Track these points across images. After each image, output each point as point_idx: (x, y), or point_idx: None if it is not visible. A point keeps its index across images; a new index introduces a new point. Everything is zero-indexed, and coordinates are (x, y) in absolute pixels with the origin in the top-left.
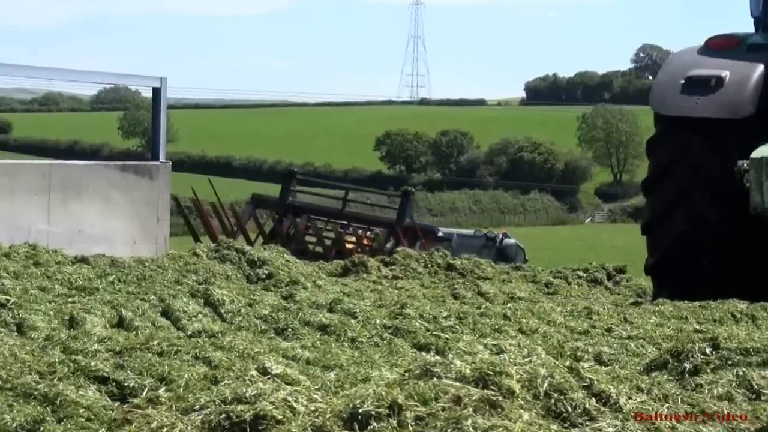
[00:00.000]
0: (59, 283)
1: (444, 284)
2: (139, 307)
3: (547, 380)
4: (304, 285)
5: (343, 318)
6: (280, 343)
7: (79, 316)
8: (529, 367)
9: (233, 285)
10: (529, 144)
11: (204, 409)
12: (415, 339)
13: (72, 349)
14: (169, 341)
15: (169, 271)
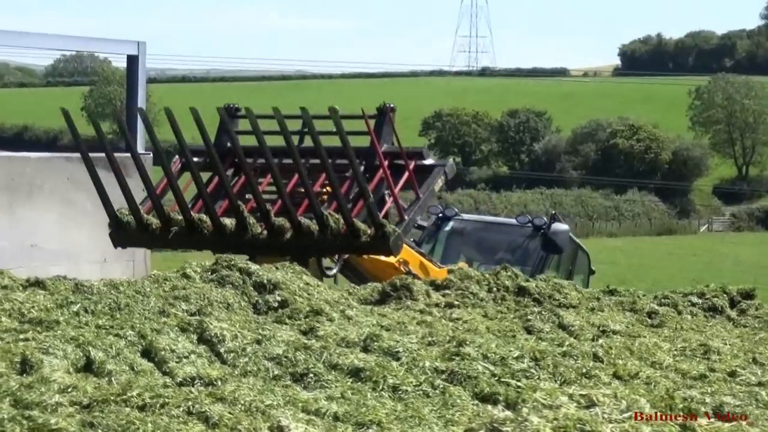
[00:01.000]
0: (6, 314)
1: (514, 314)
2: (112, 346)
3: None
4: (330, 316)
5: (382, 359)
6: (298, 393)
7: (35, 358)
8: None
9: (236, 316)
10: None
11: None
12: (477, 387)
13: (25, 401)
14: (153, 391)
15: (151, 299)
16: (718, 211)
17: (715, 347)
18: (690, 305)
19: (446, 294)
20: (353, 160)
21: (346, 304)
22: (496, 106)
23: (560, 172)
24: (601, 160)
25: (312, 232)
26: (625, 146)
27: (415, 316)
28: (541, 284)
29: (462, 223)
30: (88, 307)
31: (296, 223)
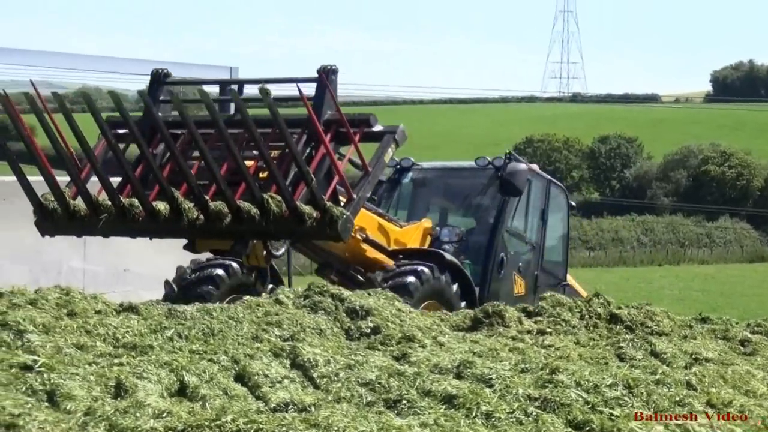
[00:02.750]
0: (101, 339)
1: (606, 341)
2: (206, 371)
3: None
4: (422, 342)
5: (475, 386)
6: (392, 419)
7: (129, 383)
8: None
9: (329, 342)
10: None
11: None
12: (570, 415)
13: (120, 426)
14: (247, 416)
15: (244, 324)
16: None
17: None
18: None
19: (538, 321)
20: (291, 143)
21: (438, 330)
22: (587, 132)
23: (651, 198)
24: (692, 186)
25: (253, 216)
26: (716, 173)
27: (507, 343)
28: (633, 311)
29: (422, 172)
30: (181, 332)
31: (234, 207)
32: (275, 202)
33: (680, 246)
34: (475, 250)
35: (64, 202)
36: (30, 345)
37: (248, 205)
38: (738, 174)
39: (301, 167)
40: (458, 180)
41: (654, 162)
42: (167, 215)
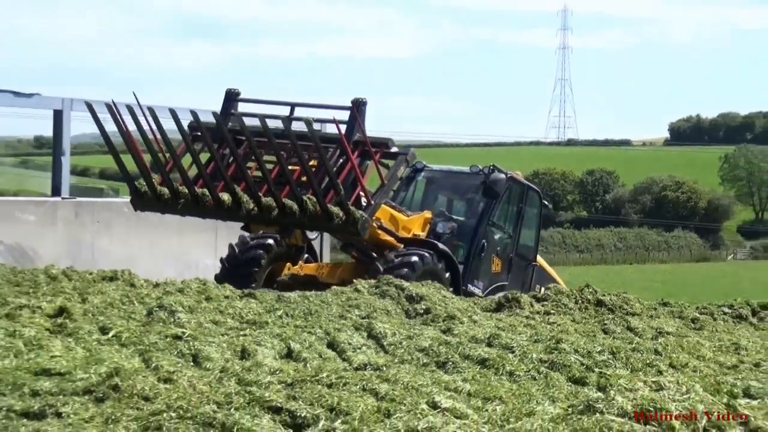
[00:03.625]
0: (231, 317)
1: (594, 320)
2: (306, 340)
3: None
4: (461, 320)
5: (501, 352)
6: (441, 376)
7: (251, 349)
8: (688, 404)
9: (394, 319)
10: (672, 183)
11: None
12: (570, 373)
13: (246, 380)
14: (337, 373)
15: (333, 306)
16: (741, 245)
17: (743, 345)
18: (722, 314)
19: (545, 305)
20: (326, 161)
21: (472, 311)
22: (578, 167)
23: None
24: (654, 207)
25: (294, 212)
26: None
27: (522, 321)
28: (613, 298)
29: (430, 172)
30: (288, 312)
31: (280, 204)
32: (312, 203)
33: (645, 250)
34: (465, 235)
35: (152, 187)
36: (179, 321)
37: (291, 203)
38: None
39: (332, 179)
40: (457, 180)
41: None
42: (230, 205)
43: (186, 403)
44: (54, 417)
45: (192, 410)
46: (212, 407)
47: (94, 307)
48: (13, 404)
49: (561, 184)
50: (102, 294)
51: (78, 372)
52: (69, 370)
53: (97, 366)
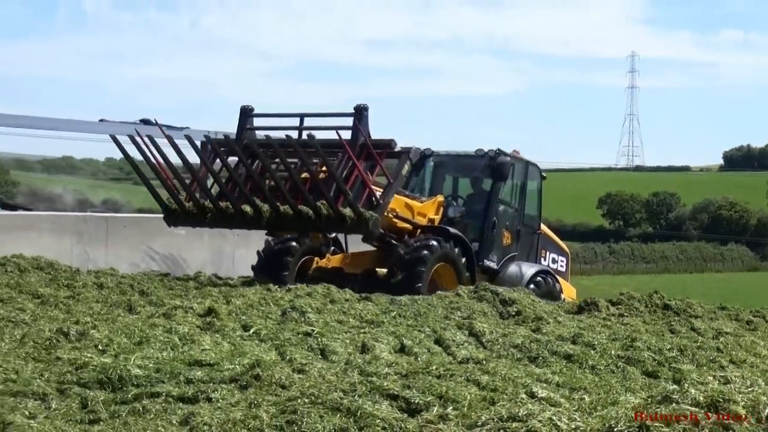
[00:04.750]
0: (352, 317)
1: (662, 321)
2: (416, 337)
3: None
4: (547, 321)
5: (584, 349)
6: (533, 369)
7: (370, 344)
8: (752, 395)
9: (490, 320)
10: (727, 203)
11: (485, 425)
12: (644, 367)
13: (367, 371)
14: (444, 366)
15: (438, 308)
16: None
17: None
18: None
19: (619, 308)
20: (334, 172)
21: (557, 313)
22: (644, 190)
23: (685, 231)
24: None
25: (310, 217)
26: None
27: (600, 322)
28: (678, 302)
29: (439, 157)
30: (400, 313)
31: (296, 211)
32: (325, 208)
33: (703, 261)
34: (476, 214)
35: (181, 204)
36: (309, 320)
37: (306, 209)
38: (740, 216)
39: (340, 186)
40: (464, 163)
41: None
42: (252, 215)
43: (317, 391)
44: (205, 401)
45: (322, 397)
46: (339, 394)
47: (237, 307)
48: (171, 390)
49: (630, 205)
50: (243, 297)
51: (225, 363)
52: (217, 361)
53: (240, 358)
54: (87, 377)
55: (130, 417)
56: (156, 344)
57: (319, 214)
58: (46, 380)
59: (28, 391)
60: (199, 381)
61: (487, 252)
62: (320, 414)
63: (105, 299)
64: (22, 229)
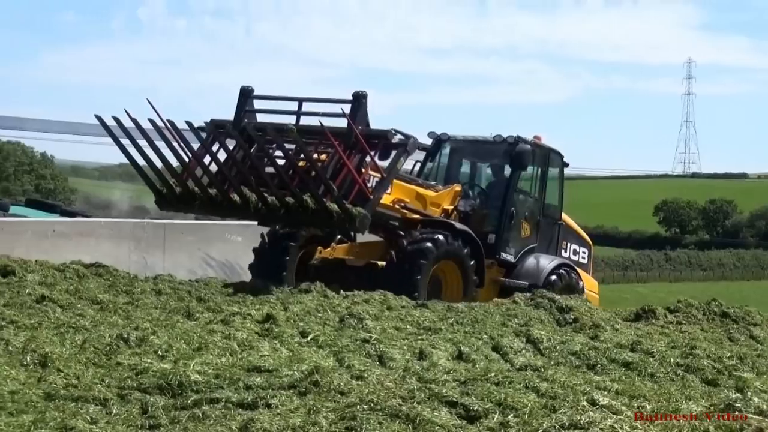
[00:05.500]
0: (409, 323)
1: (720, 329)
2: (474, 344)
3: None
4: (605, 328)
5: (643, 356)
6: (591, 376)
7: (428, 351)
8: None
9: (547, 327)
10: None
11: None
12: (704, 375)
13: (425, 378)
14: (503, 373)
15: (495, 315)
16: None
17: None
18: None
19: (677, 316)
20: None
21: (614, 321)
22: (701, 197)
23: (742, 238)
24: None
25: (298, 210)
26: None
27: (658, 329)
28: (736, 310)
29: (455, 142)
30: (458, 320)
31: (284, 203)
32: (312, 202)
33: (761, 268)
34: (493, 203)
35: (172, 191)
36: (367, 326)
37: (293, 201)
38: None
39: (323, 181)
40: (482, 149)
41: (744, 215)
42: (240, 204)
43: (376, 397)
44: (264, 408)
45: (381, 403)
46: (398, 401)
47: (295, 314)
48: (230, 396)
49: (686, 212)
50: (300, 303)
51: (283, 369)
52: (276, 367)
53: (299, 364)
54: (147, 383)
55: (190, 423)
56: (215, 350)
57: (305, 208)
58: (107, 385)
59: (89, 396)
60: (258, 387)
61: (504, 244)
62: (379, 420)
63: (163, 305)
64: (81, 235)
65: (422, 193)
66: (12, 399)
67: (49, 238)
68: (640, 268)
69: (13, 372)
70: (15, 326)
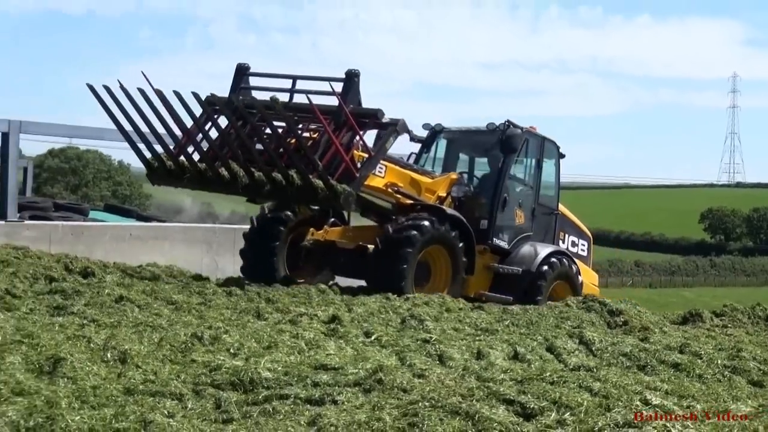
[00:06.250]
0: (467, 325)
1: (765, 332)
2: (529, 345)
3: None
4: (653, 330)
5: (691, 358)
6: (642, 376)
7: (485, 351)
8: None
9: (598, 329)
10: None
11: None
12: (750, 377)
13: (483, 377)
14: (557, 373)
15: (549, 318)
16: None
17: None
18: None
19: (723, 319)
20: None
21: (662, 324)
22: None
23: None
24: None
25: (284, 186)
26: None
27: (704, 332)
28: None
29: (450, 133)
30: (513, 322)
31: (270, 178)
32: (299, 177)
33: None
34: (488, 192)
35: (162, 164)
36: (427, 327)
37: (280, 177)
38: None
39: (308, 156)
40: (476, 139)
41: None
42: (228, 179)
43: (437, 395)
44: (331, 404)
45: (441, 401)
46: (458, 399)
47: (359, 315)
48: (299, 392)
49: (731, 220)
50: (364, 305)
51: (349, 367)
52: (342, 365)
53: (363, 363)
54: (220, 379)
55: (261, 417)
56: (284, 349)
57: (291, 183)
58: (183, 381)
59: (166, 391)
60: (325, 384)
61: (497, 231)
62: (440, 417)
63: (234, 306)
64: (157, 239)
65: (417, 178)
66: (94, 393)
67: (126, 241)
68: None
69: (94, 368)
70: (96, 324)
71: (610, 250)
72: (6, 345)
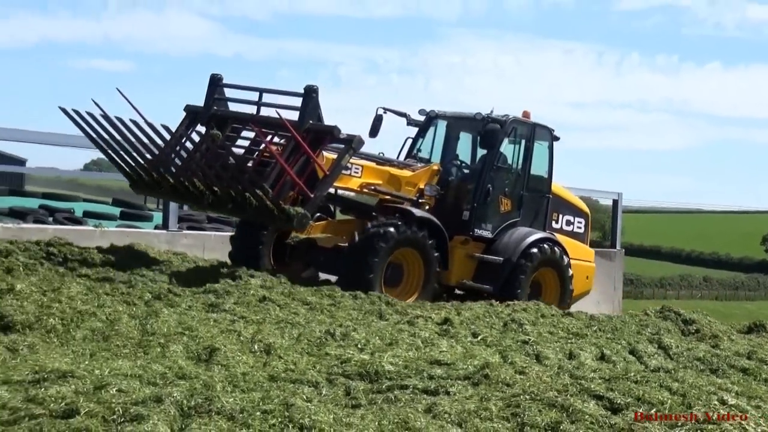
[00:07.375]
0: (560, 329)
1: None
2: (614, 348)
3: None
4: (722, 338)
5: (758, 363)
6: (714, 378)
7: (576, 352)
8: None
9: (674, 336)
10: None
11: (683, 426)
12: None
13: (575, 375)
14: (640, 373)
15: (631, 325)
16: None
17: None
18: None
19: None
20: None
21: (730, 332)
22: None
23: None
24: None
25: (245, 207)
26: None
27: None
28: None
29: (444, 119)
30: (600, 327)
31: (230, 197)
32: (256, 199)
33: None
34: (470, 181)
35: (142, 178)
36: (526, 330)
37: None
38: None
39: (254, 183)
40: (467, 125)
41: None
42: (196, 194)
43: (536, 390)
44: (444, 394)
45: (540, 395)
46: (554, 393)
47: (467, 318)
48: (417, 384)
49: None
50: (471, 309)
51: (459, 363)
52: (453, 361)
53: (471, 360)
54: (350, 370)
55: (384, 404)
56: (403, 345)
57: (249, 205)
58: (318, 371)
59: (304, 379)
60: (439, 377)
61: (479, 221)
62: (539, 408)
63: (359, 307)
64: None
65: (396, 173)
66: (243, 379)
67: None
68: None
69: (244, 357)
70: (244, 321)
71: (682, 266)
72: (170, 336)
